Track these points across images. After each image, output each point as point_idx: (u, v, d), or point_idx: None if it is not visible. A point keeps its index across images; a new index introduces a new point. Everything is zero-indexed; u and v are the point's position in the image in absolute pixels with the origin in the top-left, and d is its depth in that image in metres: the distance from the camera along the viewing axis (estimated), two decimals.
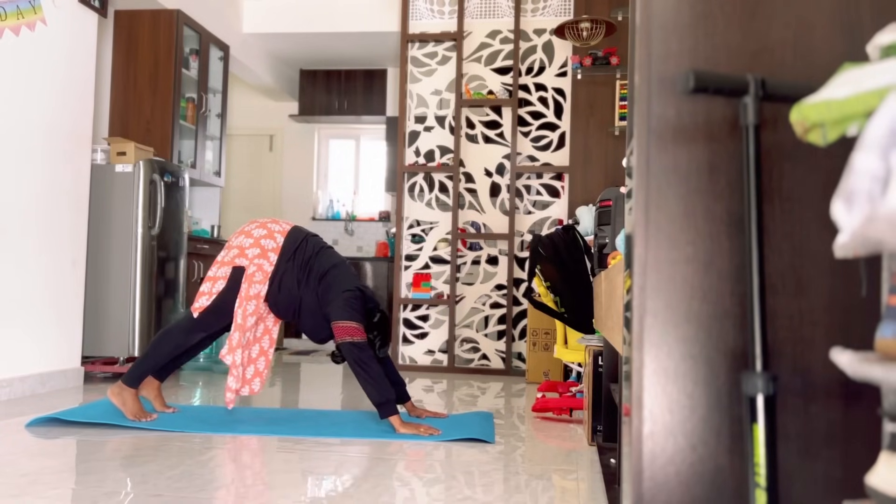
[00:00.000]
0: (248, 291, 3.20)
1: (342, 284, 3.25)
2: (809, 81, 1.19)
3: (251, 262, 3.22)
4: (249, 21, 6.75)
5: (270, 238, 3.27)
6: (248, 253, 3.23)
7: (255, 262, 3.22)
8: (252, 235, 3.27)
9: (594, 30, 4.98)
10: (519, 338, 5.66)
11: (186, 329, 3.26)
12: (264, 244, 3.25)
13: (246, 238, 3.27)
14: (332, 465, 2.65)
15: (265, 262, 3.23)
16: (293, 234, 3.32)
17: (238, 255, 3.23)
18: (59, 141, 4.24)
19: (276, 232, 3.29)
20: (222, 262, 3.27)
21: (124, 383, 3.23)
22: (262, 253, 3.23)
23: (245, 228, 3.33)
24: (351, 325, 3.14)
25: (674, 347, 1.28)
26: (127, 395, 3.22)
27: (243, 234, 3.29)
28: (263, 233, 3.28)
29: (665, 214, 1.29)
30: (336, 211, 8.21)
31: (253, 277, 3.21)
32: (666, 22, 1.30)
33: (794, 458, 1.25)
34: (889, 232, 0.82)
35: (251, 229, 3.30)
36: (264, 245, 3.25)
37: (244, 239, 3.27)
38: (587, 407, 3.12)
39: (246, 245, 3.24)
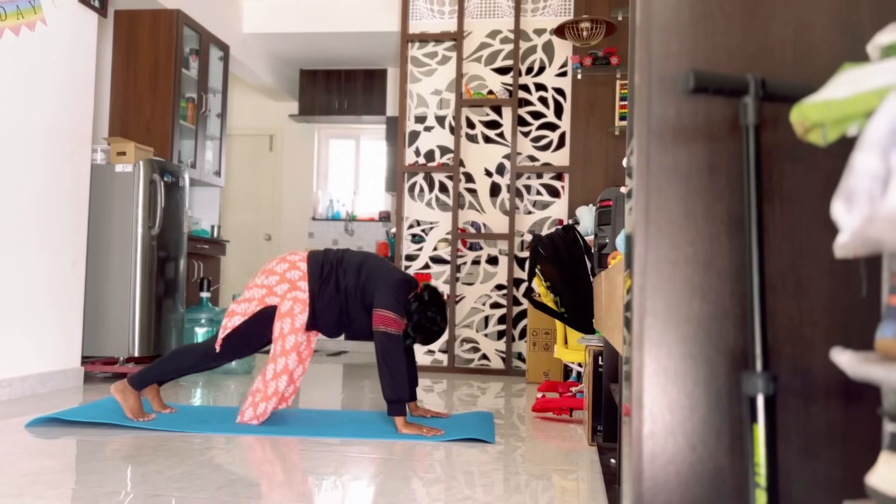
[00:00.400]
0: (293, 325, 3.19)
1: (385, 273, 3.27)
2: (809, 81, 1.19)
3: (283, 298, 3.20)
4: (249, 21, 6.75)
5: (294, 269, 3.26)
6: (277, 290, 3.21)
7: (288, 296, 3.21)
8: (276, 272, 3.26)
9: (594, 30, 4.98)
10: (519, 338, 5.66)
11: (203, 355, 3.26)
12: (290, 276, 3.24)
13: (270, 276, 3.26)
14: (332, 465, 2.65)
15: (298, 293, 3.22)
16: (313, 256, 3.32)
17: (267, 293, 3.22)
18: (59, 141, 4.24)
19: (297, 261, 3.28)
20: (248, 300, 3.24)
21: (129, 384, 3.24)
22: (291, 286, 3.22)
23: (266, 267, 3.31)
24: (390, 316, 3.14)
25: (674, 347, 1.27)
26: (129, 394, 3.23)
27: (265, 273, 3.28)
28: (286, 266, 3.27)
29: (665, 214, 1.29)
30: (336, 211, 8.21)
31: (293, 311, 3.19)
32: (666, 22, 1.30)
33: (794, 458, 1.25)
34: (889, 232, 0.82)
35: (273, 266, 3.29)
36: (290, 277, 3.23)
37: (268, 277, 3.26)
38: (587, 407, 3.12)
39: (273, 283, 3.23)
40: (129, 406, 3.20)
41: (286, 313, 3.19)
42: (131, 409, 3.20)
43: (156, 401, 3.43)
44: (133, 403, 3.21)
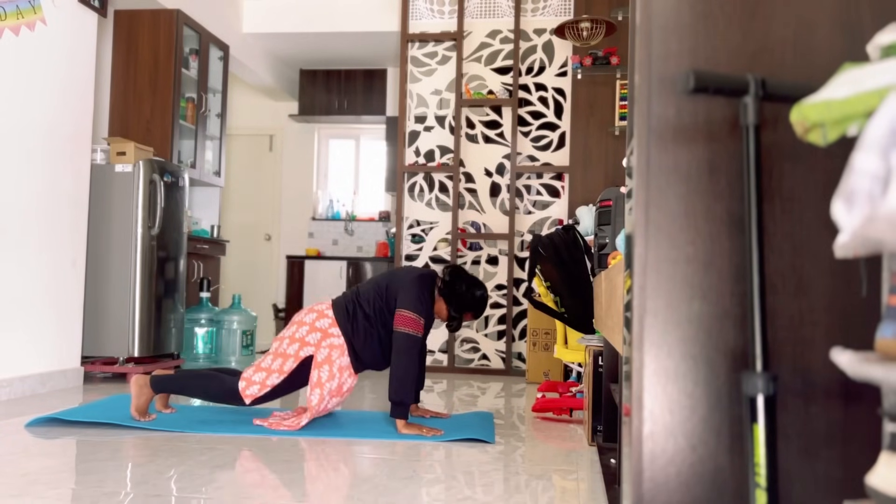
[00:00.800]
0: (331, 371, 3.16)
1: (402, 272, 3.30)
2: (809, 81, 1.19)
3: (318, 346, 3.19)
4: (249, 21, 6.75)
5: (323, 317, 3.25)
6: (310, 339, 3.21)
7: (324, 344, 3.20)
8: (305, 322, 3.26)
9: (594, 30, 4.98)
10: (519, 338, 5.66)
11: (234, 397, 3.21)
12: (320, 325, 3.23)
13: (301, 327, 3.25)
14: (332, 465, 2.65)
15: (333, 339, 3.21)
16: (336, 301, 3.32)
17: (300, 346, 3.21)
18: (58, 141, 4.24)
19: (324, 310, 3.28)
20: (277, 354, 3.22)
21: (151, 384, 3.24)
22: (324, 335, 3.21)
23: (296, 319, 3.31)
24: (411, 316, 3.15)
25: (674, 347, 1.27)
26: (145, 393, 3.22)
27: (296, 325, 3.28)
28: (314, 316, 3.27)
29: (665, 214, 1.29)
30: (336, 211, 8.21)
31: (331, 357, 3.18)
32: (666, 22, 1.30)
33: (795, 458, 1.25)
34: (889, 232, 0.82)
35: (301, 318, 3.29)
36: (320, 326, 3.23)
37: (299, 329, 3.25)
38: (587, 407, 3.12)
39: (304, 334, 3.22)
40: (139, 404, 3.20)
41: (324, 361, 3.17)
42: (138, 408, 3.20)
43: (160, 400, 3.43)
44: (143, 403, 3.21)
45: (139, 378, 3.25)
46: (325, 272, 7.52)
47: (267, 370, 3.20)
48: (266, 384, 3.18)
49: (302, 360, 3.19)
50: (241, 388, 3.18)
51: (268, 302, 7.96)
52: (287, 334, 3.27)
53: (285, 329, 3.32)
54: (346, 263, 7.51)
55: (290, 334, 3.25)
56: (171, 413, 3.43)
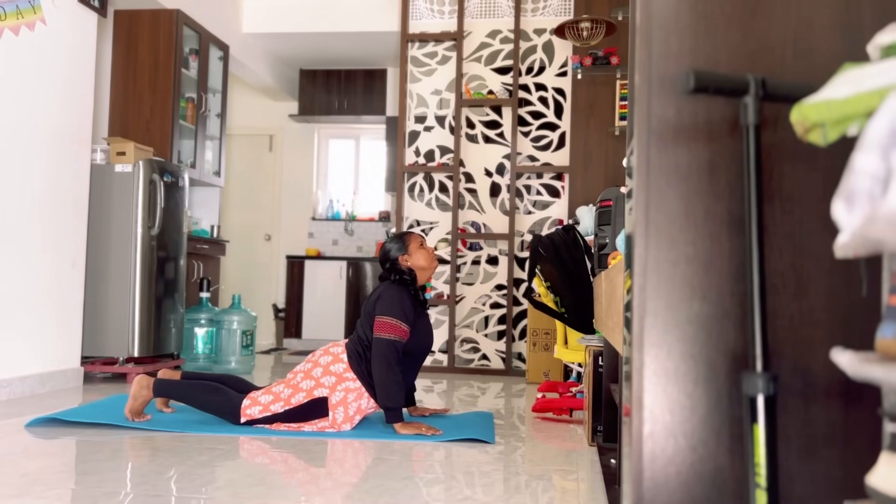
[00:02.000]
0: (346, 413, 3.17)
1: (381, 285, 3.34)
2: (809, 81, 1.19)
3: (333, 390, 3.18)
4: (249, 21, 6.75)
5: (338, 361, 3.23)
6: (325, 381, 3.19)
7: (339, 388, 3.18)
8: (320, 364, 3.24)
9: (594, 30, 4.98)
10: (519, 338, 5.66)
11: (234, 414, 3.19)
12: (335, 370, 3.21)
13: (316, 368, 3.23)
14: (332, 465, 2.65)
15: (349, 383, 3.20)
16: (349, 345, 3.30)
17: (315, 386, 3.19)
18: (58, 141, 4.24)
19: (340, 354, 3.26)
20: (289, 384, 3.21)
21: (154, 388, 3.23)
22: (339, 379, 3.20)
23: (311, 358, 3.30)
24: (391, 321, 3.16)
25: (674, 347, 1.27)
26: (144, 395, 3.22)
27: (311, 363, 3.26)
28: (329, 359, 3.25)
29: (665, 214, 1.29)
30: (336, 211, 8.21)
31: (346, 400, 3.17)
32: (666, 22, 1.30)
33: (795, 458, 1.25)
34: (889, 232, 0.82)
35: (317, 359, 3.27)
36: (335, 371, 3.21)
37: (315, 369, 3.23)
38: (587, 407, 3.12)
39: (318, 375, 3.21)
40: (134, 405, 3.19)
41: (339, 403, 3.17)
42: (132, 409, 3.19)
43: (160, 400, 3.42)
44: (139, 405, 3.20)
45: (142, 379, 3.23)
46: (325, 272, 7.52)
47: (275, 396, 3.18)
48: (269, 409, 3.17)
49: (314, 399, 3.17)
50: (244, 405, 3.17)
51: (268, 302, 7.96)
52: (303, 370, 3.25)
53: (301, 364, 3.31)
54: (346, 263, 7.51)
55: (305, 370, 3.24)
56: (171, 413, 3.43)
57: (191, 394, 3.26)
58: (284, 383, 3.23)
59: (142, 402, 3.21)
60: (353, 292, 7.49)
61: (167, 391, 3.27)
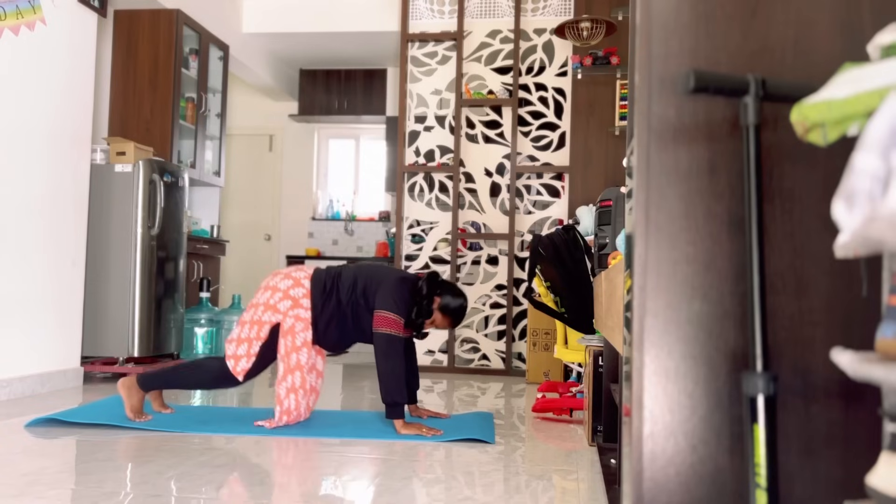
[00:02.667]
0: (294, 342, 3.17)
1: (382, 272, 3.28)
2: (810, 81, 1.19)
3: (286, 315, 3.18)
4: (249, 21, 6.75)
5: (298, 286, 3.24)
6: (280, 307, 3.19)
7: (290, 313, 3.19)
8: (279, 289, 3.23)
9: (594, 29, 4.98)
10: (519, 338, 5.66)
11: (222, 379, 3.22)
12: (294, 294, 3.21)
13: (274, 293, 3.23)
14: (332, 465, 2.65)
15: (301, 311, 3.20)
16: (317, 274, 3.30)
17: (272, 312, 3.19)
18: (58, 141, 4.24)
19: (301, 279, 3.26)
20: (253, 322, 3.21)
21: (137, 383, 3.23)
22: (294, 304, 3.20)
23: (269, 283, 3.28)
24: (389, 317, 3.14)
25: (674, 347, 1.27)
26: (135, 393, 3.23)
27: (269, 290, 3.25)
28: (290, 283, 3.24)
29: (665, 214, 1.29)
30: (336, 211, 8.21)
31: (294, 329, 3.18)
32: (666, 22, 1.30)
33: (795, 458, 1.25)
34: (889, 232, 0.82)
35: (276, 283, 3.26)
36: (294, 294, 3.21)
37: (272, 294, 3.23)
38: (587, 407, 3.12)
39: (276, 300, 3.21)
40: (132, 405, 3.20)
41: (287, 331, 3.17)
42: (132, 408, 3.20)
43: (156, 401, 3.43)
44: (136, 403, 3.21)
45: (125, 380, 3.24)
46: None
47: (247, 340, 3.20)
48: (251, 354, 3.18)
49: (273, 325, 3.18)
50: (231, 367, 3.19)
51: None
52: (261, 300, 3.23)
53: (258, 294, 3.28)
54: (346, 263, 7.50)
55: (264, 300, 3.23)
56: (170, 413, 3.43)
57: (175, 377, 3.28)
58: (249, 323, 3.22)
59: (137, 401, 3.22)
60: None
61: (151, 382, 3.26)
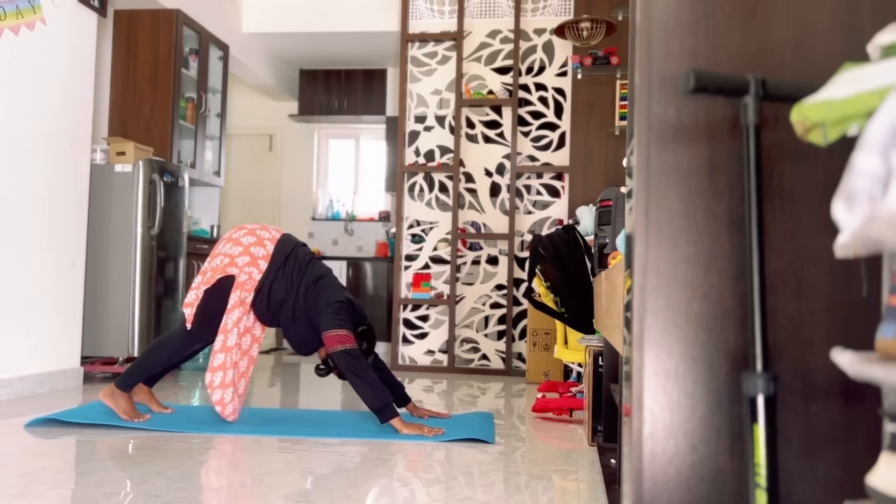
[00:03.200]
0: (240, 298, 3.15)
1: (331, 294, 3.20)
2: (810, 81, 1.19)
3: (241, 270, 3.15)
4: (249, 21, 6.75)
5: (260, 246, 3.20)
6: (238, 261, 3.16)
7: (245, 269, 3.16)
8: (241, 243, 3.19)
9: (594, 30, 4.98)
10: (519, 338, 5.66)
11: (180, 340, 3.23)
12: (254, 252, 3.18)
13: (235, 246, 3.19)
14: (331, 465, 2.65)
15: (255, 270, 3.17)
16: (283, 242, 3.25)
17: (229, 264, 3.16)
18: (58, 141, 4.24)
19: (265, 239, 3.22)
20: (209, 269, 3.20)
21: (116, 387, 3.23)
22: (251, 261, 3.16)
23: (233, 235, 3.24)
24: (341, 334, 3.10)
25: (674, 347, 1.27)
26: (119, 397, 3.21)
27: (231, 242, 3.21)
28: (253, 240, 3.20)
29: (665, 214, 1.29)
30: (336, 211, 8.21)
31: (244, 286, 3.15)
32: (666, 22, 1.30)
33: (795, 458, 1.25)
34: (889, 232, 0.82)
35: (239, 236, 3.22)
36: (254, 253, 3.18)
37: (233, 247, 3.20)
38: (587, 407, 3.12)
39: (235, 253, 3.17)
40: (121, 408, 3.19)
41: (241, 284, 3.15)
42: (124, 411, 3.18)
43: (152, 402, 3.42)
44: (124, 405, 3.20)
45: (105, 389, 3.24)
46: None
47: (196, 287, 3.20)
48: (194, 302, 3.17)
49: (225, 276, 3.14)
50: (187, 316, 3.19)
51: None
52: (222, 250, 3.21)
53: (219, 244, 3.26)
54: (346, 263, 7.51)
55: (224, 250, 3.20)
56: (170, 413, 3.42)
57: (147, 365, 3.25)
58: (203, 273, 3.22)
59: (124, 403, 3.20)
60: (353, 292, 7.48)
61: (129, 380, 3.23)
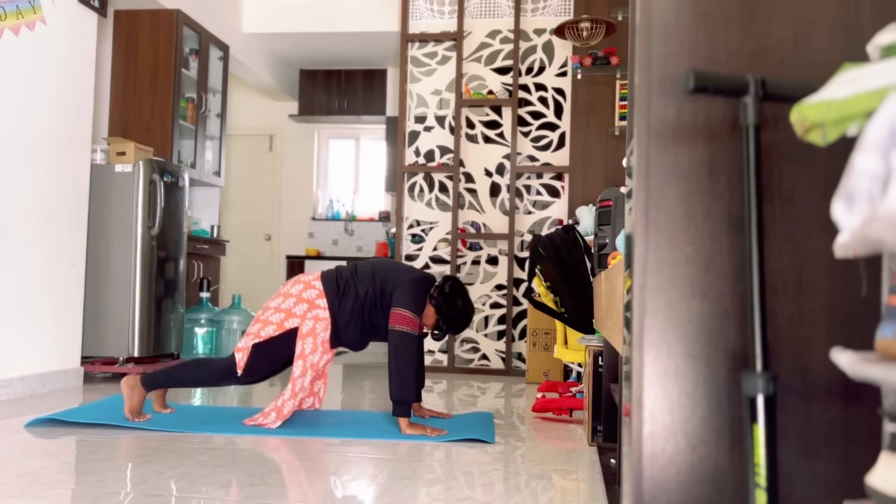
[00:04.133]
0: (315, 343, 3.17)
1: (401, 270, 3.28)
2: (809, 81, 1.19)
3: (304, 318, 3.18)
4: (249, 21, 6.75)
5: (310, 288, 3.23)
6: (296, 311, 3.19)
7: (309, 315, 3.18)
8: (292, 294, 3.24)
9: (594, 30, 4.98)
10: (519, 338, 5.66)
11: (221, 372, 3.22)
12: (307, 296, 3.21)
13: (287, 299, 3.23)
14: (332, 464, 2.65)
15: (319, 311, 3.20)
16: (327, 274, 3.30)
17: (286, 317, 3.19)
18: (58, 141, 4.24)
19: (312, 281, 3.27)
20: (264, 322, 3.20)
21: (142, 383, 3.24)
22: (310, 306, 3.20)
23: (282, 291, 3.28)
24: (406, 315, 3.14)
25: (674, 347, 1.27)
26: (136, 393, 3.22)
27: (281, 297, 3.25)
28: (301, 287, 3.25)
29: (665, 214, 1.29)
30: (336, 211, 8.21)
31: (315, 329, 3.17)
32: (666, 22, 1.30)
33: (794, 458, 1.25)
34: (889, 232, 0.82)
35: (287, 290, 3.27)
36: (307, 297, 3.21)
37: (286, 301, 3.23)
38: (587, 407, 3.12)
39: (290, 305, 3.20)
40: (132, 404, 3.20)
41: (308, 333, 3.17)
42: (131, 409, 3.19)
43: (157, 401, 3.43)
44: (136, 403, 3.21)
45: (129, 378, 3.25)
46: None
47: (250, 335, 3.21)
48: (247, 348, 3.19)
49: (286, 331, 3.17)
50: (238, 359, 3.20)
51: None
52: (273, 305, 3.25)
53: (271, 299, 3.30)
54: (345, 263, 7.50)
55: (275, 305, 3.24)
56: (170, 413, 3.43)
57: (180, 376, 3.28)
58: (258, 322, 3.22)
59: (137, 401, 3.21)
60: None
61: (155, 381, 3.26)
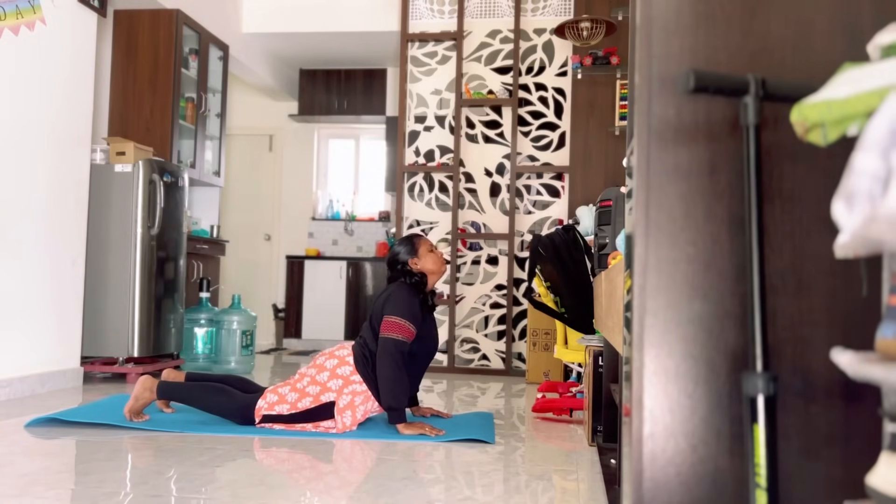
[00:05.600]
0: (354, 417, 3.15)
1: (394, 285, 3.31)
2: (809, 81, 1.19)
3: (340, 393, 3.16)
4: (249, 21, 6.74)
5: (344, 364, 3.21)
6: (332, 385, 3.17)
7: (346, 391, 3.16)
8: (326, 368, 3.22)
9: (594, 29, 4.98)
10: (519, 338, 5.66)
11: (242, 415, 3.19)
12: (341, 372, 3.19)
13: (322, 372, 3.21)
14: (332, 464, 2.64)
15: (356, 386, 3.18)
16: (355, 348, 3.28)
17: (322, 391, 3.17)
18: (58, 141, 4.24)
19: (346, 356, 3.24)
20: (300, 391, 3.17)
21: (158, 390, 3.23)
22: (345, 382, 3.18)
23: (318, 362, 3.26)
24: (398, 322, 3.15)
25: (674, 347, 1.27)
26: (146, 396, 3.21)
27: (316, 368, 3.24)
28: (335, 362, 3.23)
29: (665, 214, 1.29)
30: (336, 211, 8.21)
31: (353, 403, 3.15)
32: (666, 22, 1.30)
33: (795, 458, 1.25)
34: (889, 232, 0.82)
35: (323, 362, 3.25)
36: (341, 373, 3.19)
37: (321, 374, 3.21)
38: (587, 407, 3.12)
39: (325, 379, 3.19)
40: (135, 406, 3.18)
41: (346, 406, 3.15)
42: (132, 409, 3.18)
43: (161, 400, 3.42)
44: (140, 405, 3.20)
45: (146, 380, 3.23)
46: (325, 272, 7.52)
47: (280, 398, 3.16)
48: (273, 409, 3.15)
49: (322, 405, 3.16)
50: (259, 405, 3.15)
51: (268, 302, 7.95)
52: (309, 374, 3.23)
53: (306, 367, 3.29)
54: (345, 263, 7.51)
55: (311, 375, 3.22)
56: (171, 413, 3.42)
57: (194, 396, 3.26)
58: (290, 385, 3.20)
59: (143, 403, 3.21)
60: (353, 292, 7.49)
61: (171, 394, 3.26)
